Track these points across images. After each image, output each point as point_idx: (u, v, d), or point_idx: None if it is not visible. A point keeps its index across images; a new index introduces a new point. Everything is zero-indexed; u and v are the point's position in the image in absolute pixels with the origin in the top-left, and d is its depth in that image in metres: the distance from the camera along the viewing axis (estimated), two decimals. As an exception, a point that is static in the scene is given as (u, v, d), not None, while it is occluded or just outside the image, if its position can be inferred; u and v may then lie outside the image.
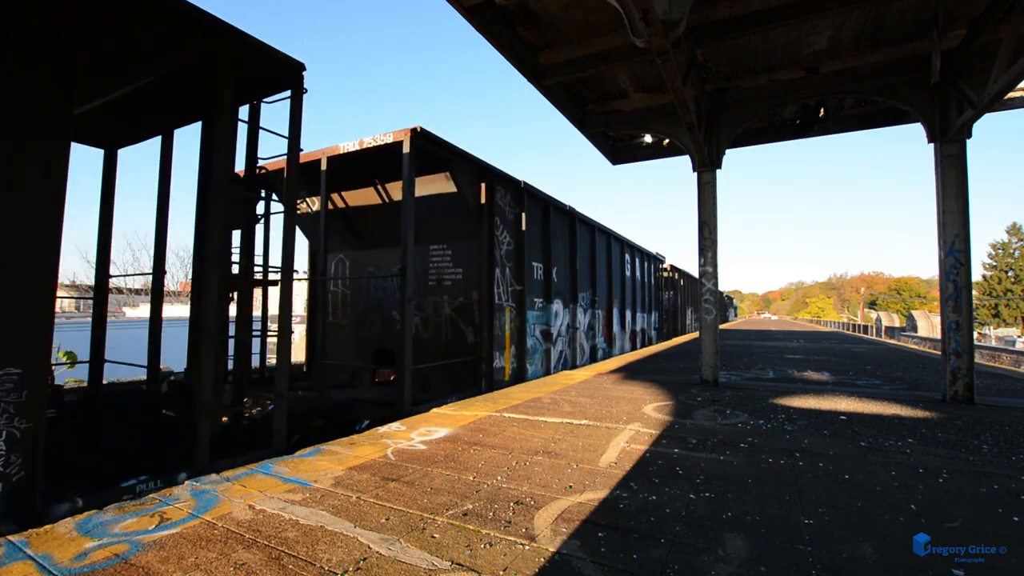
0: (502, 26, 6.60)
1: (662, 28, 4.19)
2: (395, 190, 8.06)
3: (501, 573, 2.30)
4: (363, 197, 8.65)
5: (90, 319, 6.85)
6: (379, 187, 8.38)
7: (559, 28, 6.80)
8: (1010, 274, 54.58)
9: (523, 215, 8.80)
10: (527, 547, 2.54)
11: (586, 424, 5.30)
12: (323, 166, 7.50)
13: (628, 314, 15.42)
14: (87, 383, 6.64)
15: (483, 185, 7.83)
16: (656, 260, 19.79)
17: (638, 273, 16.81)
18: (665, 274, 22.36)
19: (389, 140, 6.46)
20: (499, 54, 6.82)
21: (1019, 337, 34.54)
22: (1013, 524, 2.82)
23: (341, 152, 7.15)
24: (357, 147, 6.92)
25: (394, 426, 5.22)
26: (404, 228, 6.24)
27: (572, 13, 6.41)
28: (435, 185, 7.71)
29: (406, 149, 6.24)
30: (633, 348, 16.05)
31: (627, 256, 15.51)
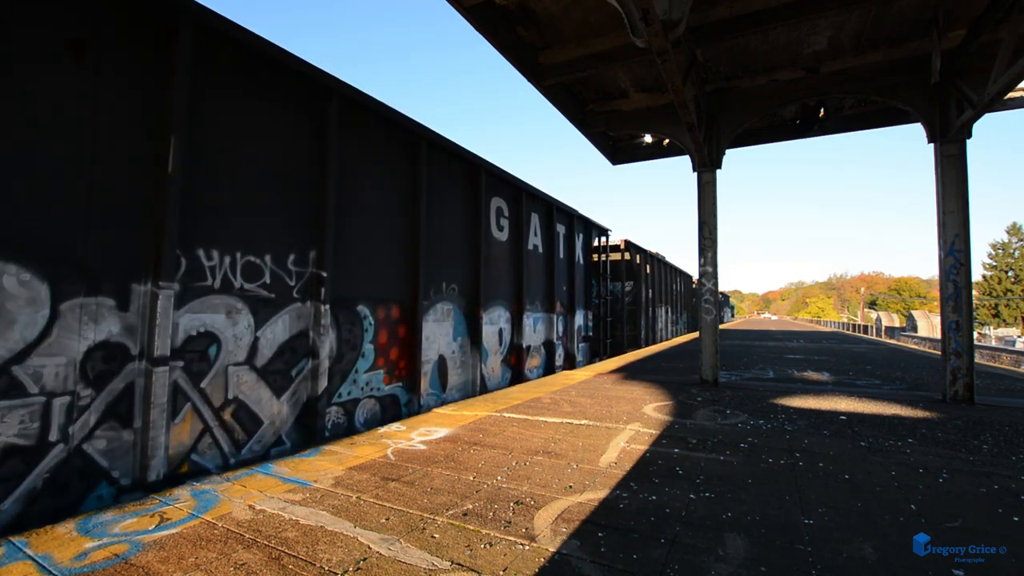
0: (502, 26, 6.60)
1: (662, 28, 4.20)
2: None
3: (501, 573, 2.30)
4: None
5: None
6: None
7: (559, 28, 6.80)
8: (1010, 274, 54.56)
9: None
10: (527, 547, 2.54)
11: (586, 424, 5.30)
12: None
13: (500, 316, 8.41)
14: None
15: None
16: (591, 227, 12.57)
17: (537, 242, 9.73)
18: (618, 256, 15.51)
19: None
20: (499, 54, 6.82)
21: (1019, 337, 34.54)
22: (1013, 524, 2.82)
23: None
24: None
25: (394, 426, 5.22)
26: None
27: (572, 13, 6.42)
28: None
29: None
30: (517, 380, 8.77)
31: (500, 203, 8.44)
